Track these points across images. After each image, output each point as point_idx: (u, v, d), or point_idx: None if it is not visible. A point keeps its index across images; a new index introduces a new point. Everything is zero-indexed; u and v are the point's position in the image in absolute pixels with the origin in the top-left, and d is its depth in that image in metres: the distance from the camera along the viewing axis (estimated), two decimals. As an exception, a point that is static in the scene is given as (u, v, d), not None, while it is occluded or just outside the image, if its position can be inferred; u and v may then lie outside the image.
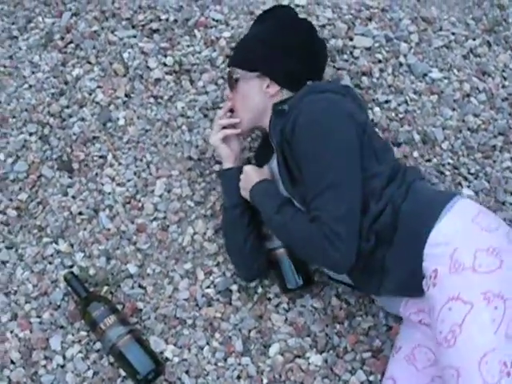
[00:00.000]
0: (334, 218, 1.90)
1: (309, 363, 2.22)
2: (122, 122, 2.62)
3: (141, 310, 2.33)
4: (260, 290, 2.35)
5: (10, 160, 2.59)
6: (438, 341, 1.81)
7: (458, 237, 1.85)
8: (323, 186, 1.94)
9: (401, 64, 2.69)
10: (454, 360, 1.77)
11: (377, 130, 2.52)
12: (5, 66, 2.80)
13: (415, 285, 1.92)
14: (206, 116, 2.59)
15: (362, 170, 1.99)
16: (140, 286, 2.37)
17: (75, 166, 2.56)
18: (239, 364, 2.25)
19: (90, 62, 2.76)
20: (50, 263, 2.42)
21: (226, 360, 2.25)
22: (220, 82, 2.63)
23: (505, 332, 1.71)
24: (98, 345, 2.27)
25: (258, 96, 2.22)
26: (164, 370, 2.21)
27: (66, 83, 2.72)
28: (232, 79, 2.26)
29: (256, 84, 2.22)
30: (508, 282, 1.78)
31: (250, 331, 2.29)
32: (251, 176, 2.20)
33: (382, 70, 2.66)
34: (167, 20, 2.81)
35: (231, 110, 2.31)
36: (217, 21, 2.78)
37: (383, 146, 2.10)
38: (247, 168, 2.24)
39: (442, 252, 1.85)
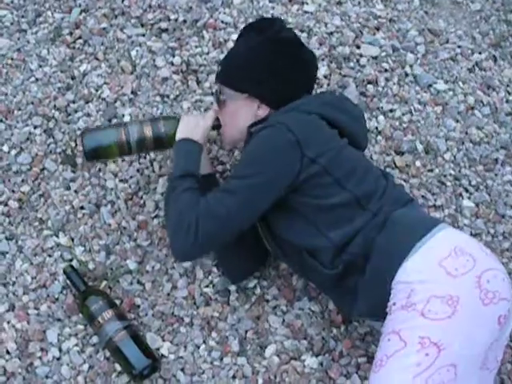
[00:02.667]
0: (207, 213, 1.97)
1: (304, 366, 2.23)
2: (127, 118, 2.62)
3: (138, 306, 2.33)
4: (258, 291, 2.35)
5: (13, 152, 2.59)
6: (373, 363, 1.85)
7: (419, 279, 1.84)
8: (224, 188, 2.02)
9: (406, 74, 2.71)
10: None
11: (380, 138, 2.55)
12: (12, 59, 2.81)
13: (382, 311, 1.93)
14: (211, 117, 2.60)
15: (319, 198, 2.00)
16: (139, 283, 2.37)
17: (79, 160, 2.56)
18: (235, 364, 2.25)
19: (97, 59, 2.77)
20: (50, 256, 2.42)
21: (221, 359, 2.26)
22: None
23: (425, 379, 1.72)
24: (95, 339, 2.27)
25: (246, 117, 2.19)
26: (159, 367, 2.21)
27: (73, 78, 2.73)
28: (220, 96, 2.24)
29: (245, 105, 2.19)
30: (452, 333, 1.77)
31: (246, 332, 2.30)
32: (196, 127, 2.21)
33: (387, 79, 2.68)
34: (176, 20, 2.82)
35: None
36: (226, 23, 2.80)
37: (351, 171, 2.04)
38: (207, 122, 2.24)
39: (402, 289, 1.86)
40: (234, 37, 2.68)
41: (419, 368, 1.73)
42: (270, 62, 2.16)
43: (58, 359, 2.27)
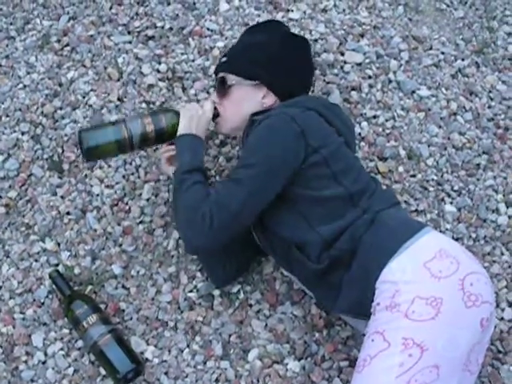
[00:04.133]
0: (219, 204, 1.98)
1: (287, 369, 2.25)
2: (113, 125, 2.65)
3: (123, 310, 2.36)
4: (241, 295, 2.37)
5: (1, 158, 2.62)
6: (357, 363, 1.88)
7: (403, 279, 1.86)
8: (232, 177, 2.03)
9: (390, 81, 2.73)
10: None
11: (363, 143, 2.57)
12: (0, 65, 2.84)
13: (365, 309, 1.95)
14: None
15: (313, 190, 2.03)
16: (123, 287, 2.40)
17: (65, 166, 2.59)
18: (218, 367, 2.27)
19: (84, 66, 2.80)
20: (36, 261, 2.45)
21: (205, 363, 2.28)
22: (212, 90, 2.66)
23: (408, 379, 1.74)
24: (80, 343, 2.30)
25: (251, 104, 2.24)
26: (143, 371, 2.23)
27: (61, 85, 2.76)
28: (225, 85, 2.26)
29: (251, 92, 2.24)
30: (435, 334, 1.78)
31: (230, 336, 2.32)
32: (196, 121, 2.22)
33: (371, 86, 2.71)
34: (163, 27, 2.85)
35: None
36: (211, 31, 2.82)
37: (347, 168, 2.09)
38: (206, 115, 2.25)
39: (386, 289, 1.87)
40: (220, 44, 2.73)
41: (402, 368, 1.75)
42: (283, 53, 2.26)
43: (44, 363, 2.29)
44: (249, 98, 2.24)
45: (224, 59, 2.31)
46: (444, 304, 1.80)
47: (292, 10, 2.90)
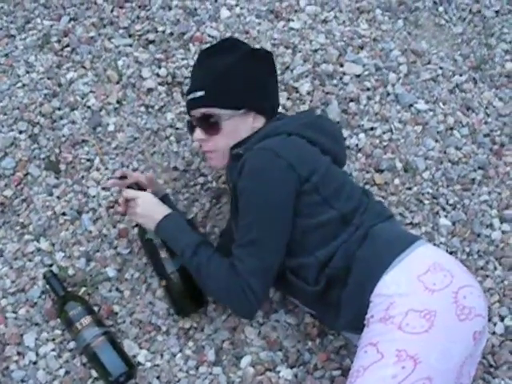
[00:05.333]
0: (249, 272, 2.00)
1: (279, 377, 2.24)
2: (111, 127, 2.65)
3: (116, 313, 2.35)
4: (236, 302, 2.37)
5: (-3, 156, 2.62)
6: (349, 374, 1.89)
7: (398, 292, 1.87)
8: (246, 240, 2.02)
9: (388, 93, 2.75)
10: None
11: (360, 155, 2.59)
12: (0, 64, 2.83)
13: (361, 324, 1.95)
14: (194, 128, 2.63)
15: (306, 217, 2.03)
16: (117, 290, 2.39)
17: (62, 167, 2.59)
18: (210, 373, 2.27)
19: (84, 67, 2.80)
20: (30, 260, 2.44)
21: (197, 368, 2.27)
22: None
23: None
24: (72, 344, 2.29)
25: (245, 132, 2.19)
26: (136, 374, 2.23)
27: (60, 85, 2.75)
28: (212, 121, 2.17)
29: (242, 121, 2.18)
30: (429, 347, 1.79)
31: (223, 342, 2.31)
32: (155, 204, 2.23)
33: (369, 98, 2.72)
34: (164, 32, 2.85)
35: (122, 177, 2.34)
36: (212, 37, 2.83)
37: (338, 189, 2.08)
38: (146, 195, 2.25)
39: (380, 302, 1.89)
40: (220, 50, 2.72)
41: (395, 380, 1.75)
42: (257, 73, 2.20)
43: (35, 363, 2.28)
44: (242, 127, 2.19)
45: (200, 94, 2.17)
46: (437, 317, 1.81)
47: (293, 20, 2.91)
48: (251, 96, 2.19)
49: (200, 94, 2.17)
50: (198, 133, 2.21)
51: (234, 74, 2.16)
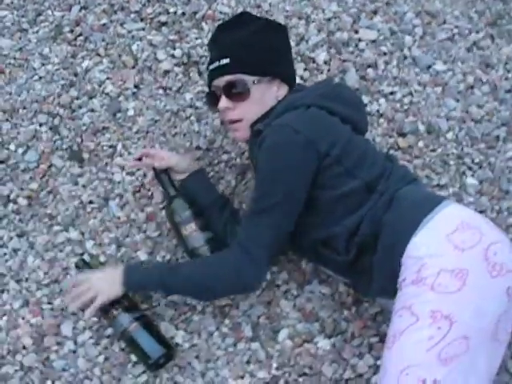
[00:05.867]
0: (252, 240, 2.02)
1: (317, 348, 2.25)
2: (131, 112, 2.66)
3: (151, 296, 2.36)
4: (268, 276, 2.37)
5: (20, 150, 2.63)
6: (386, 340, 1.89)
7: (428, 253, 1.86)
8: (255, 209, 2.02)
9: (405, 57, 2.73)
10: (386, 361, 1.85)
11: (382, 120, 2.57)
12: (15, 58, 2.84)
13: (395, 289, 1.95)
14: (214, 106, 2.62)
15: (330, 189, 2.03)
16: (150, 274, 2.40)
17: (85, 155, 2.60)
18: (249, 349, 2.28)
19: (99, 55, 2.80)
20: (61, 251, 2.46)
21: (235, 345, 2.28)
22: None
23: (438, 352, 1.74)
24: (109, 331, 2.31)
25: (271, 100, 2.18)
26: (175, 355, 2.24)
27: (76, 75, 2.76)
28: (239, 87, 2.15)
29: (269, 87, 2.18)
30: (462, 305, 1.79)
31: (258, 317, 2.32)
32: (108, 275, 2.22)
33: (387, 63, 2.70)
34: (175, 13, 2.85)
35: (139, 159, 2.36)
36: (224, 14, 2.82)
37: (361, 157, 2.08)
38: (94, 276, 2.22)
39: (412, 264, 1.88)
40: (234, 27, 2.70)
41: (432, 341, 1.75)
42: (277, 42, 2.22)
43: (74, 352, 2.30)
44: (268, 95, 2.18)
45: (225, 61, 2.15)
46: (469, 275, 1.80)
47: (304, -11, 2.89)
48: (276, 63, 2.19)
49: (225, 61, 2.15)
50: (225, 101, 2.17)
51: (256, 42, 2.16)
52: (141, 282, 2.17)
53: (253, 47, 2.16)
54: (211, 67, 2.20)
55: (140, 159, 2.36)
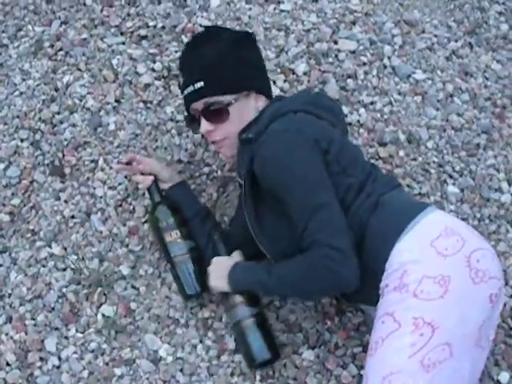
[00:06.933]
0: (329, 235, 1.90)
1: (302, 359, 2.25)
2: (112, 126, 2.65)
3: (134, 310, 2.36)
4: (251, 288, 2.38)
5: (2, 166, 2.63)
6: (368, 347, 1.89)
7: (411, 259, 1.86)
8: (309, 213, 1.93)
9: (385, 66, 2.74)
10: (368, 369, 1.86)
11: (362, 130, 2.59)
12: (-4, 74, 2.85)
13: (377, 295, 1.95)
14: (195, 120, 2.63)
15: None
16: (133, 287, 2.40)
17: (67, 170, 2.60)
18: (232, 361, 2.27)
19: (79, 69, 2.80)
20: (44, 266, 2.45)
21: (219, 357, 2.28)
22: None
23: (421, 359, 1.75)
24: (93, 345, 2.31)
25: (251, 113, 2.18)
26: (277, 358, 2.21)
27: (57, 90, 2.76)
28: (217, 109, 2.14)
29: (246, 103, 2.17)
30: (445, 312, 1.80)
31: (242, 329, 2.33)
32: (222, 262, 2.23)
33: (366, 73, 2.71)
34: (155, 27, 2.85)
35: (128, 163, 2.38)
36: (204, 27, 2.82)
37: (353, 158, 2.09)
38: (215, 258, 2.25)
39: (394, 270, 1.88)
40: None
41: (414, 348, 1.76)
42: (248, 54, 2.22)
43: (58, 367, 2.29)
44: (247, 109, 2.17)
45: (199, 84, 2.14)
46: (452, 282, 1.81)
47: (283, 2, 2.90)
48: (250, 76, 2.19)
49: (199, 84, 2.14)
50: (205, 124, 2.16)
51: (227, 59, 2.15)
52: (242, 282, 2.15)
53: (225, 66, 2.15)
54: (186, 92, 2.19)
55: (128, 164, 2.37)
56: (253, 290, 2.15)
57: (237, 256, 2.23)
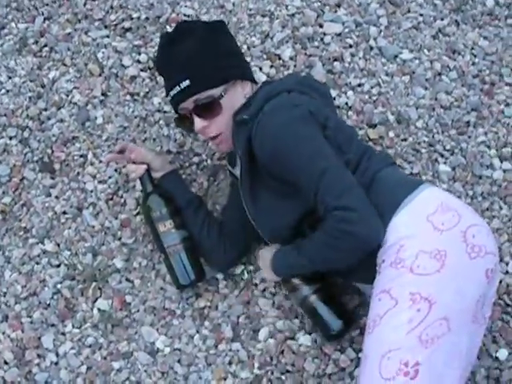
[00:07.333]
0: (336, 197, 1.87)
1: (299, 345, 2.25)
2: (100, 120, 2.65)
3: (129, 303, 2.36)
4: (246, 276, 2.37)
5: (-9, 164, 2.63)
6: (366, 326, 1.88)
7: (407, 234, 1.86)
8: (315, 181, 1.90)
9: (371, 47, 2.73)
10: (366, 347, 1.85)
11: (350, 113, 2.57)
12: (-19, 73, 2.84)
13: (373, 272, 1.94)
14: (182, 110, 2.62)
15: None
16: (127, 280, 2.40)
17: (56, 166, 2.59)
18: (230, 350, 2.28)
19: (65, 64, 2.79)
20: (38, 263, 2.45)
21: (216, 347, 2.28)
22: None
23: (419, 334, 1.74)
24: (90, 340, 2.31)
25: (240, 100, 2.16)
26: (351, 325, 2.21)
27: (43, 86, 2.75)
28: (211, 104, 2.11)
29: (233, 93, 2.15)
30: (442, 287, 1.79)
31: (238, 317, 2.32)
32: (264, 254, 2.21)
33: (353, 55, 2.70)
34: (139, 18, 2.84)
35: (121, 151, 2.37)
36: (188, 16, 2.81)
37: (348, 136, 2.09)
38: (259, 251, 2.26)
39: (390, 246, 1.87)
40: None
41: (412, 324, 1.75)
42: (224, 43, 2.20)
43: (56, 364, 2.30)
44: (236, 98, 2.15)
45: (186, 83, 2.09)
46: (448, 256, 1.80)
47: (266, -12, 2.89)
48: (231, 65, 2.17)
49: (186, 83, 2.10)
50: (199, 122, 2.13)
51: (207, 52, 2.13)
52: (289, 269, 2.13)
53: (206, 59, 2.12)
54: (172, 93, 2.14)
55: (120, 152, 2.36)
56: (297, 272, 2.14)
57: (275, 244, 2.20)
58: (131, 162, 2.35)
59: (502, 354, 2.20)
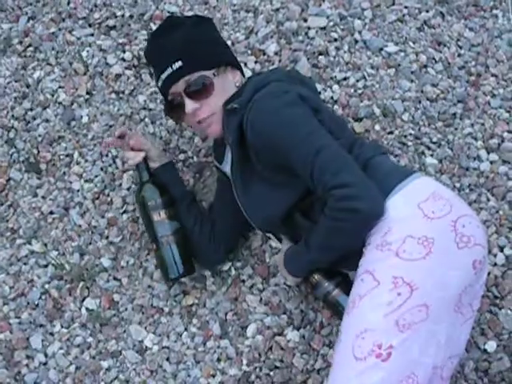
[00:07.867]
0: (333, 176, 1.86)
1: (287, 340, 2.25)
2: (85, 119, 2.64)
3: (117, 302, 2.36)
4: (233, 272, 2.38)
5: (-23, 166, 2.62)
6: (347, 305, 1.88)
7: (396, 217, 1.85)
8: (310, 161, 1.89)
9: (356, 41, 2.71)
10: (344, 325, 1.85)
11: (336, 107, 2.57)
12: (-34, 74, 2.83)
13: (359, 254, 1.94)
14: (168, 107, 2.61)
15: None
16: (115, 279, 2.40)
17: (43, 166, 2.59)
18: (218, 347, 2.28)
19: (50, 64, 2.78)
20: (25, 264, 2.45)
21: (205, 344, 2.29)
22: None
23: (396, 318, 1.74)
24: (78, 339, 2.32)
25: (231, 88, 2.18)
26: None
27: (28, 86, 2.74)
28: (204, 84, 2.12)
29: (225, 78, 2.17)
30: (425, 273, 1.78)
31: (226, 314, 2.33)
32: (279, 259, 2.22)
33: (338, 48, 2.69)
34: (123, 16, 2.83)
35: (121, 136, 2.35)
36: (172, 13, 2.80)
37: (340, 124, 2.12)
38: (275, 257, 2.32)
39: (378, 228, 1.86)
40: (182, 25, 2.69)
41: (391, 307, 1.75)
42: (214, 33, 2.26)
43: (45, 364, 2.31)
44: (227, 83, 2.17)
45: (178, 64, 2.10)
46: (435, 244, 1.80)
47: (250, -18, 2.88)
48: (222, 52, 2.22)
49: (178, 64, 2.11)
50: (190, 103, 2.12)
51: (199, 36, 2.16)
52: (299, 268, 2.15)
53: (198, 43, 2.14)
54: (164, 76, 2.14)
55: (121, 138, 2.35)
56: (312, 268, 2.14)
57: (285, 246, 2.20)
58: (129, 149, 2.34)
59: (491, 346, 2.21)
